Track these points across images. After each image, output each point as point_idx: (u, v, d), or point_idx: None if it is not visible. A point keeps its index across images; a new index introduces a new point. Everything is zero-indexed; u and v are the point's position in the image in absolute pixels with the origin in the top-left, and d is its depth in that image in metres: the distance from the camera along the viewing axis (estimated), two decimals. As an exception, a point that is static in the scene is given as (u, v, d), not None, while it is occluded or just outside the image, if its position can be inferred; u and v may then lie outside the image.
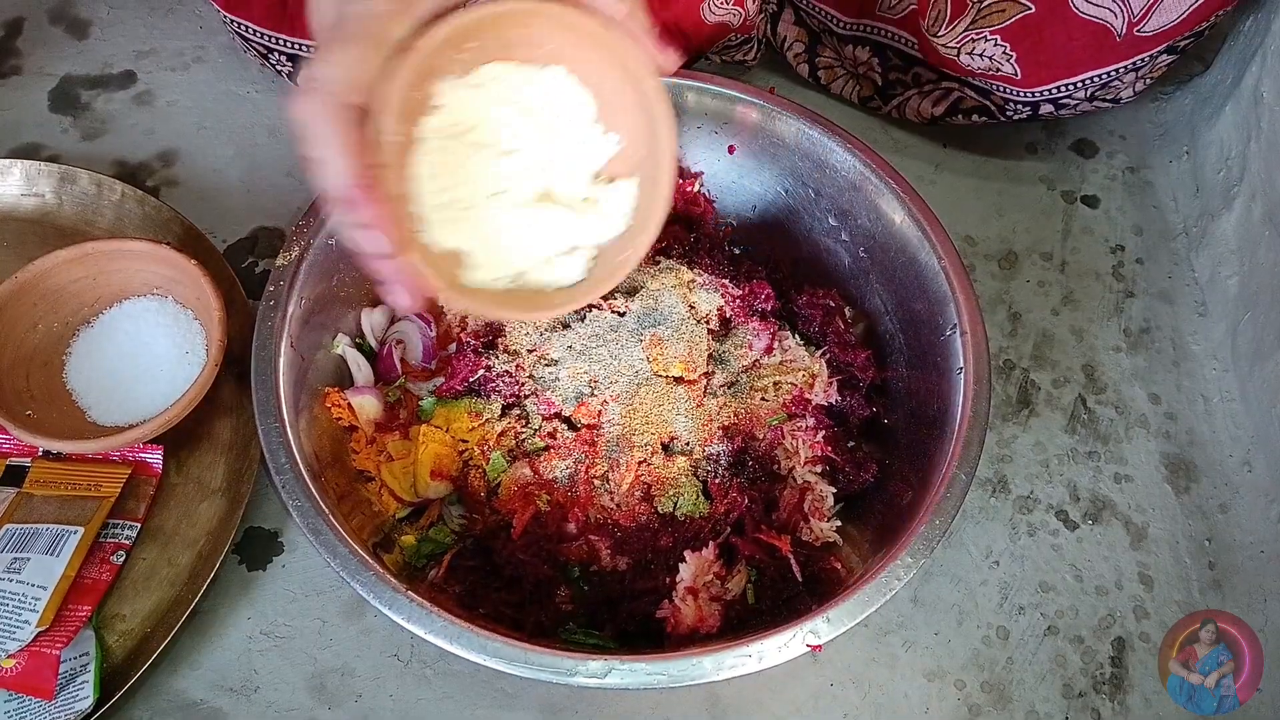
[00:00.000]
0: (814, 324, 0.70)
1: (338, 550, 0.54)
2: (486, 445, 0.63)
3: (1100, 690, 0.66)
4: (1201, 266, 0.82)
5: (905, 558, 0.55)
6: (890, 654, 0.66)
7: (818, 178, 0.70)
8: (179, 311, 0.70)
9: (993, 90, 0.79)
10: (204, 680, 0.62)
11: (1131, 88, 0.76)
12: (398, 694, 0.62)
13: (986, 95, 0.80)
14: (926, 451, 0.61)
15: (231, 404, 0.69)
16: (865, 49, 0.84)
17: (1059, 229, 0.85)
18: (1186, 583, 0.70)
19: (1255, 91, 0.77)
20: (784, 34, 0.88)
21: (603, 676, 0.50)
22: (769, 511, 0.63)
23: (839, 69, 0.87)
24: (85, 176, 0.76)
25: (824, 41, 0.87)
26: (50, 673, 0.57)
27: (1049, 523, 0.71)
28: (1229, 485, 0.74)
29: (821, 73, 0.88)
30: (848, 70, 0.87)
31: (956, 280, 0.63)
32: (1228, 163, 0.80)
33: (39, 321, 0.68)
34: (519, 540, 0.60)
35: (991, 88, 0.78)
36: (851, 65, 0.86)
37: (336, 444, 0.63)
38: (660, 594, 0.58)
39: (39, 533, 0.61)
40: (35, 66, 0.89)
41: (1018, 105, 0.79)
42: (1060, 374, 0.78)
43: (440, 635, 0.51)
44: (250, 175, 0.83)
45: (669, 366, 0.64)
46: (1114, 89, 0.76)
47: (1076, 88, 0.75)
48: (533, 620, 0.58)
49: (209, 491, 0.67)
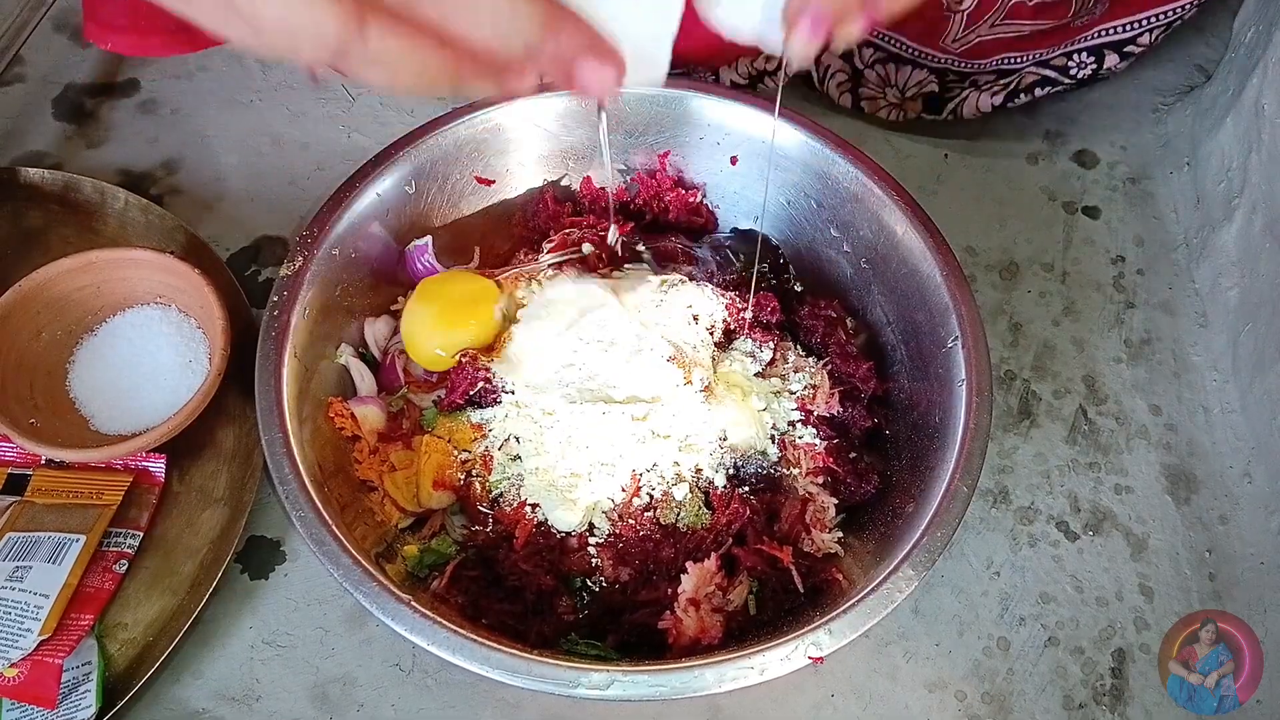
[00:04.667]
0: (816, 335, 0.70)
1: (340, 560, 0.54)
2: (489, 458, 0.63)
3: (1100, 701, 0.66)
4: (1202, 278, 0.83)
5: (907, 569, 0.55)
6: (891, 665, 0.66)
7: (819, 189, 0.71)
8: (182, 320, 0.71)
9: (1053, 54, 0.79)
10: (206, 689, 0.62)
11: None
12: (399, 704, 0.63)
13: (1045, 64, 0.81)
14: (928, 463, 0.61)
15: (234, 413, 0.69)
16: (924, 70, 0.85)
17: (1060, 240, 0.85)
18: (1187, 594, 0.70)
19: (1256, 104, 0.77)
20: (827, 63, 0.87)
21: (605, 688, 0.50)
22: (771, 522, 0.63)
23: (882, 98, 0.87)
24: (89, 184, 0.77)
25: (871, 69, 0.86)
26: (53, 682, 0.57)
27: (1050, 534, 0.71)
28: (1229, 497, 0.74)
29: (865, 104, 0.88)
30: (896, 97, 0.87)
31: (958, 291, 0.64)
32: (1228, 174, 0.81)
33: (42, 330, 0.68)
34: (521, 551, 0.60)
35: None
36: (900, 90, 0.86)
37: (339, 454, 0.63)
38: (662, 605, 0.59)
39: (41, 541, 0.61)
40: (39, 74, 0.89)
41: (1082, 57, 0.79)
42: (1061, 385, 0.78)
43: (442, 646, 0.51)
44: (253, 184, 0.83)
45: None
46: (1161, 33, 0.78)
47: (1156, 20, 0.77)
48: (535, 631, 0.58)
49: (211, 500, 0.67)
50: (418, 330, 0.66)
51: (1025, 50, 0.82)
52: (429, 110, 0.86)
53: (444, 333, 0.65)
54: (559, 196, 0.75)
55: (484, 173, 0.73)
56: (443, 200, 0.72)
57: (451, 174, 0.71)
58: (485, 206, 0.74)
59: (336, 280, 0.66)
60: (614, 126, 0.73)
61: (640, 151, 0.75)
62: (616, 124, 0.73)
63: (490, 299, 0.67)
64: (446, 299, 0.66)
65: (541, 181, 0.75)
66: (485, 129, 0.71)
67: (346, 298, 0.67)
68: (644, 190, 0.75)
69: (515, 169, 0.74)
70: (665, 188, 0.75)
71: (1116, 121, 0.92)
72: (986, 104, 0.84)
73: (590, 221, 0.73)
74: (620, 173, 0.76)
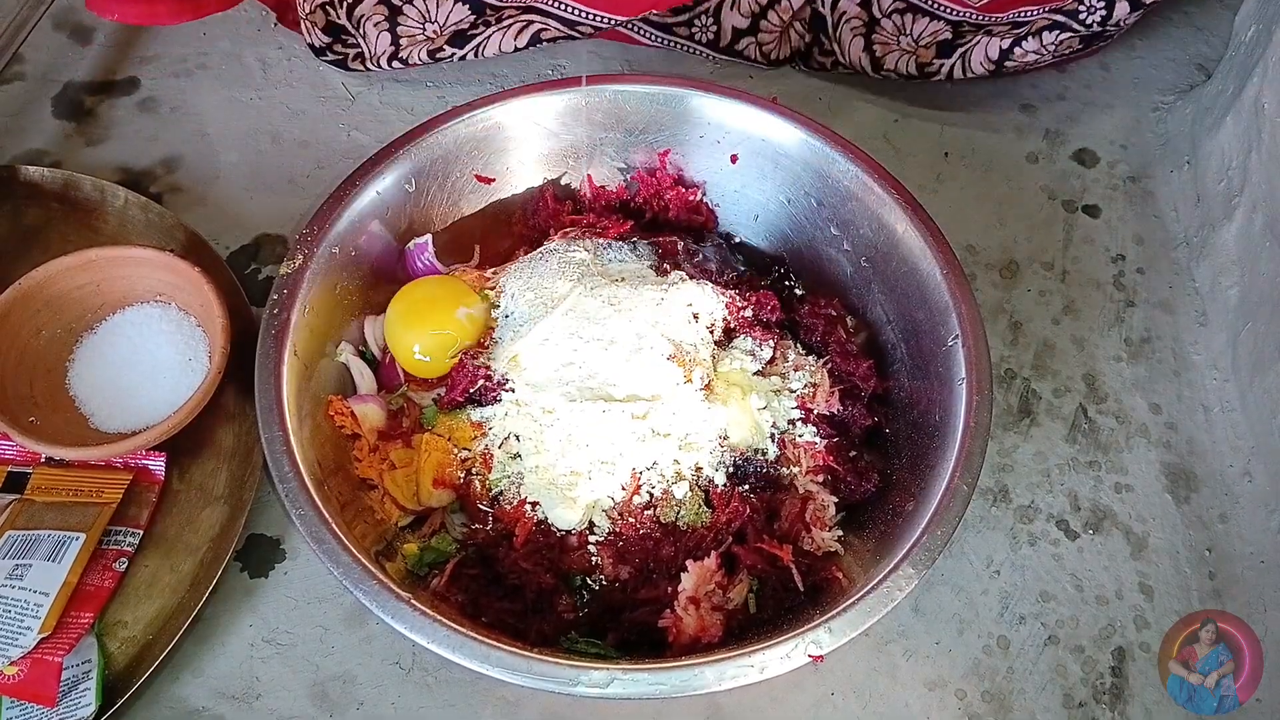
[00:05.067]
0: (816, 333, 0.70)
1: (340, 558, 0.54)
2: (489, 456, 0.63)
3: (1100, 700, 0.66)
4: (1202, 276, 0.83)
5: (907, 568, 0.55)
6: (891, 663, 0.66)
7: (820, 187, 0.71)
8: (182, 318, 0.71)
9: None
10: (206, 687, 0.62)
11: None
12: (399, 702, 0.63)
13: (1058, 10, 0.81)
14: (928, 461, 0.61)
15: (234, 411, 0.69)
16: (940, 22, 0.86)
17: (1060, 238, 0.85)
18: (1187, 592, 0.70)
19: (1256, 102, 0.77)
20: (843, 9, 0.87)
21: (605, 686, 0.50)
22: (770, 521, 0.63)
23: (895, 45, 0.87)
24: (89, 183, 0.77)
25: (889, 18, 0.87)
26: (52, 680, 0.57)
27: (1049, 532, 0.71)
28: (1229, 495, 0.74)
29: (877, 48, 0.87)
30: (910, 45, 0.87)
31: (958, 290, 0.64)
32: (1228, 173, 0.81)
33: (42, 328, 0.68)
34: (521, 549, 0.60)
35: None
36: (915, 39, 0.86)
37: (339, 452, 0.63)
38: (662, 603, 0.59)
39: (41, 539, 0.61)
40: (39, 72, 0.89)
41: (1092, 1, 0.79)
42: (1061, 383, 0.78)
43: (443, 644, 0.51)
44: (253, 182, 0.83)
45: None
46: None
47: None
48: (535, 629, 0.58)
49: (211, 498, 0.67)
50: (389, 335, 0.67)
51: (1041, 3, 0.83)
52: (429, 109, 0.86)
53: (407, 334, 0.66)
54: (559, 195, 0.75)
55: (484, 171, 0.73)
56: (443, 198, 0.72)
57: (451, 172, 0.71)
58: (485, 205, 0.74)
59: (336, 278, 0.66)
60: (614, 125, 0.73)
61: (640, 150, 0.75)
62: (616, 122, 0.73)
63: (455, 300, 0.67)
64: (410, 301, 0.67)
65: (541, 180, 0.75)
66: (485, 127, 0.71)
67: (346, 296, 0.67)
68: (644, 189, 0.75)
69: (515, 167, 0.74)
70: (665, 186, 0.75)
71: (1116, 120, 0.92)
72: (995, 50, 0.83)
73: (590, 220, 0.73)
74: (620, 171, 0.76)
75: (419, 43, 0.84)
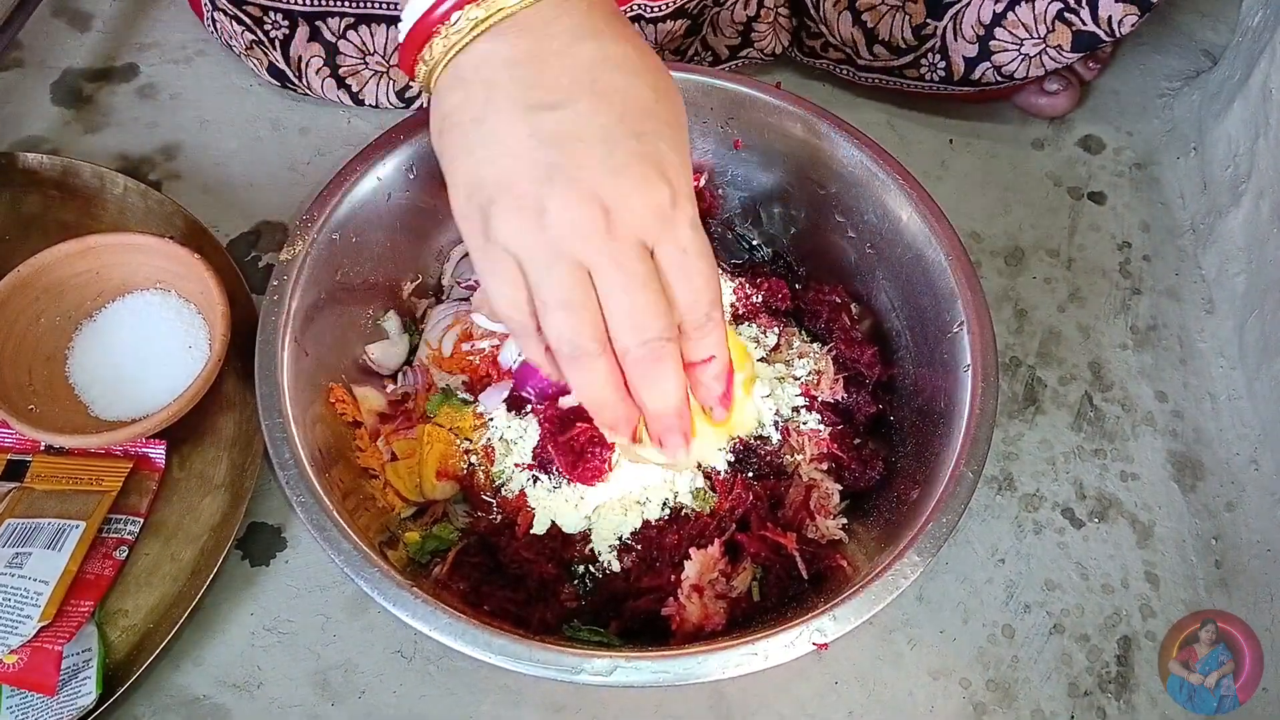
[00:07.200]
0: (820, 320, 0.70)
1: (341, 546, 0.53)
2: (491, 449, 0.63)
3: (1106, 689, 0.65)
4: (1209, 264, 0.82)
5: (912, 556, 0.54)
6: (895, 652, 0.66)
7: (823, 173, 0.70)
8: (182, 306, 0.70)
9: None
10: (207, 676, 0.62)
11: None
12: (401, 690, 0.62)
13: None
14: (933, 449, 0.61)
15: (235, 399, 0.69)
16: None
17: (1066, 225, 0.85)
18: (1193, 581, 0.69)
19: (1264, 88, 0.76)
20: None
21: (608, 674, 0.50)
22: (774, 509, 0.63)
23: (883, 5, 0.82)
24: (88, 170, 0.76)
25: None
26: (52, 668, 0.56)
27: (1055, 521, 0.71)
28: (1236, 484, 0.73)
29: (866, 15, 0.82)
30: (897, 3, 0.81)
31: (963, 276, 0.63)
32: (1235, 159, 0.80)
33: (41, 315, 0.68)
34: (523, 538, 0.60)
35: None
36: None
37: (341, 440, 0.63)
38: (665, 591, 0.58)
39: (41, 527, 0.61)
40: (37, 59, 0.88)
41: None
42: (1067, 371, 0.77)
43: (445, 632, 0.51)
44: (253, 169, 0.83)
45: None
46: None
47: None
48: (537, 617, 0.58)
49: (212, 486, 0.66)
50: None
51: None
52: (430, 94, 0.85)
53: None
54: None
55: (486, 157, 0.72)
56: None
57: (453, 158, 0.71)
58: (487, 191, 0.74)
59: (337, 265, 0.65)
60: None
61: (643, 136, 0.74)
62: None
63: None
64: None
65: (544, 166, 0.75)
66: (487, 112, 0.70)
67: (347, 283, 0.67)
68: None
69: (517, 153, 0.73)
70: (669, 172, 0.74)
71: (1122, 107, 0.91)
72: (988, 12, 0.78)
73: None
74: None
75: (368, 79, 0.81)
